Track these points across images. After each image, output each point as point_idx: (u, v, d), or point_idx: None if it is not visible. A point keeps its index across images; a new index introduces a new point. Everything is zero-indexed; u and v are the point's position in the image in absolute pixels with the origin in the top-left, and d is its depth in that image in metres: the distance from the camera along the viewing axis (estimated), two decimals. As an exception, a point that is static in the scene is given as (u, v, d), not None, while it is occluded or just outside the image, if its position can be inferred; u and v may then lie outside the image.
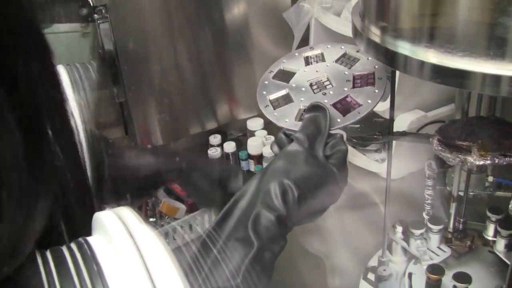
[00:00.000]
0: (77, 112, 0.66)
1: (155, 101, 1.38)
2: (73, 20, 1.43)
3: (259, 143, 1.42)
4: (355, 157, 1.29)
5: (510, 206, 0.90)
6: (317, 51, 0.83)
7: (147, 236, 0.44)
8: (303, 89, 0.79)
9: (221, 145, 1.48)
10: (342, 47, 0.82)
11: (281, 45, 1.49)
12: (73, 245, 0.44)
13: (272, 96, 0.79)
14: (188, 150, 1.51)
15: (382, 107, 1.08)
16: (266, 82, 0.81)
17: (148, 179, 0.94)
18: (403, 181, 1.10)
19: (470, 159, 0.76)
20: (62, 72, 0.69)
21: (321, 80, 0.79)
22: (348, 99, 0.76)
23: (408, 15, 0.62)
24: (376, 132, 0.69)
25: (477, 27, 0.57)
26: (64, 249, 0.44)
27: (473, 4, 0.56)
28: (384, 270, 0.95)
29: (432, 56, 0.60)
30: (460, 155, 0.80)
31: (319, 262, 1.01)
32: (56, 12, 1.41)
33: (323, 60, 0.82)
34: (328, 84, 0.78)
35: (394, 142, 0.97)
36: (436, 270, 0.93)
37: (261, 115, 1.03)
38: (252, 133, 1.50)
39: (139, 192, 1.06)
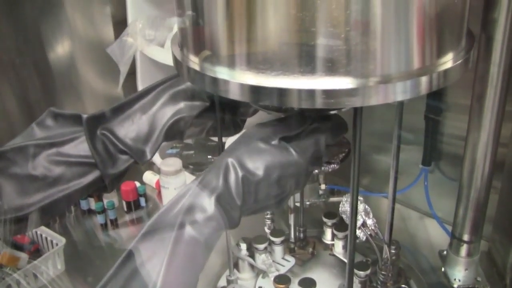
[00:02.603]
0: None
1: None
2: None
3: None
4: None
5: (340, 208, 0.96)
6: None
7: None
8: None
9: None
10: None
11: (109, 80, 1.47)
12: None
13: None
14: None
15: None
16: None
17: None
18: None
19: (298, 170, 0.80)
20: None
21: None
22: None
23: (222, 42, 0.64)
24: (207, 156, 0.70)
25: (286, 48, 0.60)
26: None
27: (279, 27, 0.59)
28: (234, 288, 0.97)
29: (250, 78, 0.63)
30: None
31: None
32: None
33: None
34: None
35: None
36: (282, 280, 0.97)
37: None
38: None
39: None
